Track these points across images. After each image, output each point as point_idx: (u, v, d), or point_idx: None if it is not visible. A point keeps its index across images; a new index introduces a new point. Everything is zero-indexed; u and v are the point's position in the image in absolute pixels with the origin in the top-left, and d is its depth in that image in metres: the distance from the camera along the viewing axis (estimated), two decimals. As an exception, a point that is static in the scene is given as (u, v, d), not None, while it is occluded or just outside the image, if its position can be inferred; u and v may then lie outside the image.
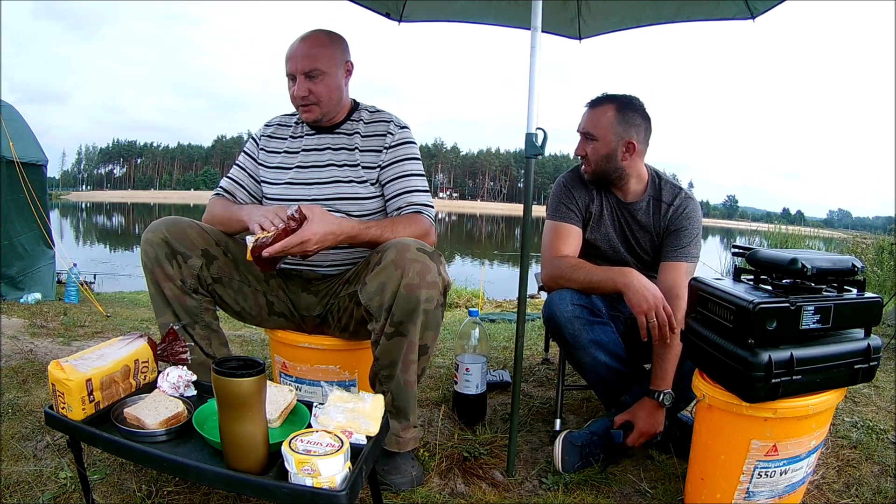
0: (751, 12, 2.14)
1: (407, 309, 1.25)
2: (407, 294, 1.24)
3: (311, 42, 1.50)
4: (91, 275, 6.88)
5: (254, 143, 1.67)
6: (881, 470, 1.58)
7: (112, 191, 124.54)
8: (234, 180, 1.65)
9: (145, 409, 1.07)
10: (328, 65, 1.49)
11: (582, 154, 1.71)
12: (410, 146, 1.58)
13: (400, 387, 1.34)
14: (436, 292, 1.27)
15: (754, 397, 1.15)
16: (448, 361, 2.47)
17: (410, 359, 1.31)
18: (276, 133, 1.66)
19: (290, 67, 1.50)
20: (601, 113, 1.68)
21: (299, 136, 1.63)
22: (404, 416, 1.38)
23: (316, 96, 1.50)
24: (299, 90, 1.48)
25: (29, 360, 2.28)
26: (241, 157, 1.67)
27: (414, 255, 1.25)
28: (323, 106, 1.52)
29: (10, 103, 4.64)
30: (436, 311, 1.29)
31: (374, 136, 1.57)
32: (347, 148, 1.57)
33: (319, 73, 1.49)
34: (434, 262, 1.26)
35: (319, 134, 1.60)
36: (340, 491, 0.87)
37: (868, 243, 6.94)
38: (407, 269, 1.23)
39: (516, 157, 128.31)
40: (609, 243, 1.77)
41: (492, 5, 2.43)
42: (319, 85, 1.49)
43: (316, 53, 1.48)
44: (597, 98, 1.72)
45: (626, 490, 1.47)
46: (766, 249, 1.34)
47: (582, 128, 1.71)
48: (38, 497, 1.28)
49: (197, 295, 1.44)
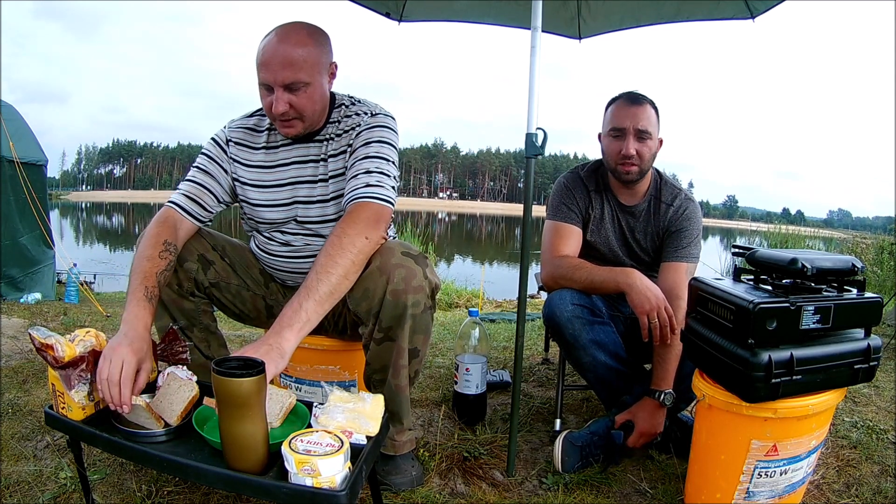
0: (750, 12, 2.14)
1: (394, 315, 1.24)
2: (393, 300, 1.22)
3: (293, 43, 1.25)
4: (91, 275, 6.87)
5: (219, 148, 1.44)
6: (881, 470, 1.58)
7: (112, 191, 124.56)
8: (200, 184, 1.41)
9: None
10: (311, 73, 1.27)
11: (632, 153, 1.62)
12: (374, 130, 1.36)
13: (392, 391, 1.32)
14: (423, 296, 1.25)
15: (754, 397, 1.15)
16: (448, 361, 2.47)
17: (401, 363, 1.30)
18: (245, 140, 1.44)
19: (266, 77, 1.25)
20: (648, 110, 1.64)
21: (274, 146, 1.43)
22: (398, 420, 1.37)
23: (298, 111, 1.28)
24: (278, 105, 1.26)
25: (29, 360, 2.28)
26: (202, 161, 1.44)
27: (398, 260, 1.22)
28: (306, 120, 1.32)
29: (10, 103, 4.64)
30: (424, 315, 1.27)
31: (345, 133, 1.38)
32: (324, 158, 1.40)
33: (302, 85, 1.26)
34: (419, 266, 1.24)
35: (296, 144, 1.41)
36: (340, 491, 0.87)
37: (868, 243, 6.94)
38: (392, 274, 1.21)
39: (516, 157, 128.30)
40: (608, 246, 1.78)
41: (492, 5, 2.44)
42: (302, 98, 1.27)
43: (298, 61, 1.24)
44: (636, 94, 1.67)
45: (626, 490, 1.47)
46: (766, 249, 1.34)
47: (640, 125, 1.62)
48: (38, 497, 1.28)
49: (194, 298, 1.43)
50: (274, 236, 1.46)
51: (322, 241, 1.39)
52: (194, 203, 1.40)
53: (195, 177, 1.42)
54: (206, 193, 1.42)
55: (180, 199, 1.39)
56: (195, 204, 1.40)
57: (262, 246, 1.50)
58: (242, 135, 1.45)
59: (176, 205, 1.38)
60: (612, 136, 1.66)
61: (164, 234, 1.31)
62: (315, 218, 1.42)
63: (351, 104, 1.43)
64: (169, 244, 1.30)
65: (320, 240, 1.42)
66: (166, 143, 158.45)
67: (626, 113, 1.64)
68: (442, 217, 54.94)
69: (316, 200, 1.41)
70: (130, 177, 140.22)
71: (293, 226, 1.44)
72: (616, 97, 1.71)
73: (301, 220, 1.43)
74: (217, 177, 1.43)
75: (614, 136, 1.65)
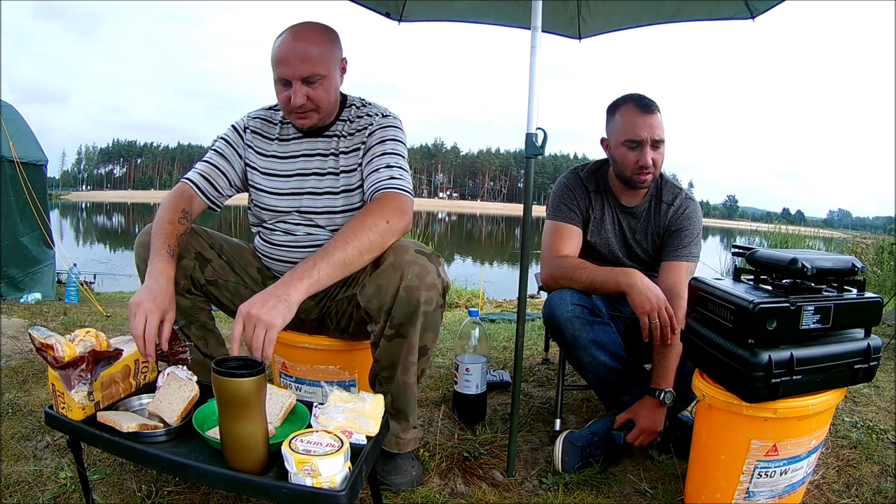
0: (750, 12, 2.14)
1: (407, 311, 1.25)
2: (406, 296, 1.23)
3: (308, 41, 1.34)
4: (91, 275, 6.87)
5: (237, 134, 1.51)
6: (881, 470, 1.58)
7: (112, 191, 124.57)
8: (215, 165, 1.47)
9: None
10: (327, 67, 1.36)
11: (650, 163, 1.63)
12: (388, 129, 1.44)
13: (400, 388, 1.33)
14: (435, 294, 1.26)
15: (754, 397, 1.15)
16: (448, 361, 2.47)
17: (410, 360, 1.31)
18: (262, 130, 1.51)
19: (284, 72, 1.34)
20: (659, 117, 1.64)
21: (286, 138, 1.50)
22: (404, 417, 1.38)
23: (315, 102, 1.37)
24: (297, 98, 1.34)
25: (29, 360, 2.28)
26: (219, 144, 1.51)
27: (412, 258, 1.24)
28: (321, 112, 1.40)
29: (10, 103, 4.64)
30: (435, 313, 1.29)
31: (358, 132, 1.46)
32: (335, 154, 1.47)
33: (319, 78, 1.35)
34: (433, 264, 1.26)
35: (308, 138, 1.48)
36: (340, 491, 0.87)
37: (868, 243, 6.94)
38: (406, 271, 1.23)
39: (516, 157, 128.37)
40: (608, 247, 1.78)
41: (492, 5, 2.43)
42: (319, 90, 1.36)
43: (314, 56, 1.33)
44: (646, 100, 1.65)
45: (626, 490, 1.47)
46: (766, 249, 1.34)
47: (656, 135, 1.62)
48: (38, 497, 1.29)
49: (191, 295, 1.43)
50: (277, 226, 1.49)
51: (324, 232, 1.47)
52: (208, 183, 1.47)
53: (211, 158, 1.49)
54: (220, 176, 1.48)
55: (195, 177, 1.46)
56: (208, 184, 1.47)
57: (266, 237, 1.52)
58: (260, 124, 1.53)
59: (191, 181, 1.45)
60: (629, 147, 1.63)
61: (181, 203, 1.40)
62: (320, 209, 1.46)
63: (362, 105, 1.51)
64: (186, 213, 1.39)
65: (322, 231, 1.47)
66: (166, 143, 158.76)
67: (642, 123, 1.62)
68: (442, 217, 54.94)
69: (324, 192, 1.46)
70: (130, 177, 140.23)
71: (296, 216, 1.48)
72: (622, 101, 1.68)
73: (305, 211, 1.47)
74: (232, 161, 1.50)
75: (630, 147, 1.63)
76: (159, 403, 1.09)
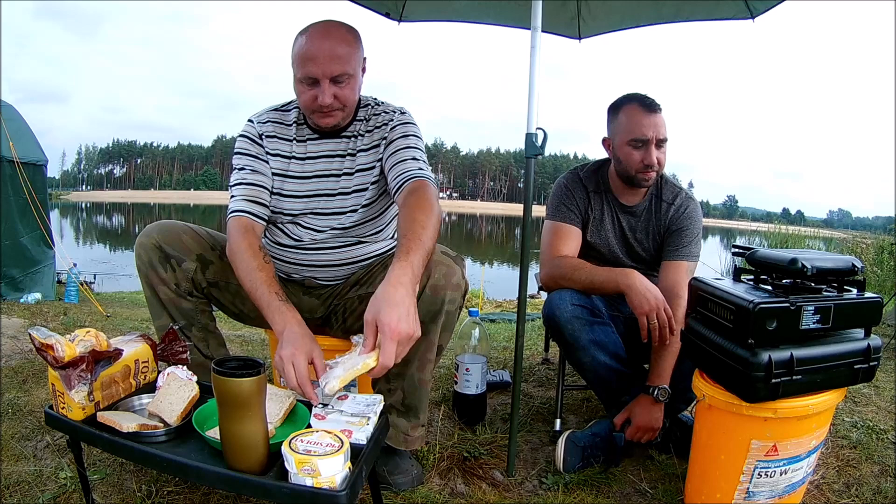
0: (750, 12, 2.14)
1: (431, 310, 1.26)
2: (432, 295, 1.25)
3: (336, 40, 1.32)
4: (91, 275, 6.88)
5: (257, 145, 1.46)
6: (881, 470, 1.58)
7: (112, 191, 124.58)
8: (255, 184, 1.41)
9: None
10: (354, 66, 1.34)
11: (655, 162, 1.64)
12: (408, 126, 1.45)
13: (414, 385, 1.35)
14: (458, 294, 1.28)
15: (754, 397, 1.15)
16: (448, 361, 2.47)
17: (428, 357, 1.32)
18: (278, 133, 1.47)
19: (313, 70, 1.30)
20: (662, 116, 1.65)
21: (301, 139, 1.47)
22: (415, 414, 1.39)
23: (342, 101, 1.35)
24: (325, 97, 1.31)
25: (29, 360, 2.27)
26: (247, 161, 1.44)
27: (439, 258, 1.26)
28: (347, 111, 1.39)
29: (10, 103, 4.64)
30: (455, 313, 1.31)
31: (376, 129, 1.45)
32: (352, 154, 1.46)
33: (347, 77, 1.33)
34: (458, 266, 1.28)
35: (325, 139, 1.46)
36: (340, 491, 0.87)
37: (868, 243, 6.94)
38: (433, 270, 1.24)
39: (516, 157, 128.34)
40: (608, 247, 1.78)
41: (492, 5, 2.43)
42: (346, 89, 1.34)
43: (344, 55, 1.31)
44: (649, 100, 1.66)
45: (626, 490, 1.48)
46: (766, 249, 1.34)
47: (660, 134, 1.63)
48: (38, 497, 1.28)
49: (192, 298, 1.43)
50: (286, 228, 1.48)
51: (333, 233, 1.47)
52: (258, 205, 1.41)
53: (246, 178, 1.43)
54: (264, 191, 1.43)
55: (246, 206, 1.39)
56: (259, 206, 1.41)
57: (274, 238, 1.52)
58: (273, 127, 1.47)
59: (245, 212, 1.39)
60: (633, 147, 1.64)
61: (254, 241, 1.33)
62: (332, 209, 1.46)
63: (376, 104, 1.50)
64: (262, 248, 1.33)
65: (331, 232, 1.46)
66: (166, 143, 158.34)
67: (647, 122, 1.63)
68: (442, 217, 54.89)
69: (337, 193, 1.46)
70: (130, 177, 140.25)
71: (308, 218, 1.47)
72: (626, 101, 1.68)
73: (318, 212, 1.46)
74: (265, 172, 1.45)
75: (636, 147, 1.64)
76: (159, 403, 1.09)
